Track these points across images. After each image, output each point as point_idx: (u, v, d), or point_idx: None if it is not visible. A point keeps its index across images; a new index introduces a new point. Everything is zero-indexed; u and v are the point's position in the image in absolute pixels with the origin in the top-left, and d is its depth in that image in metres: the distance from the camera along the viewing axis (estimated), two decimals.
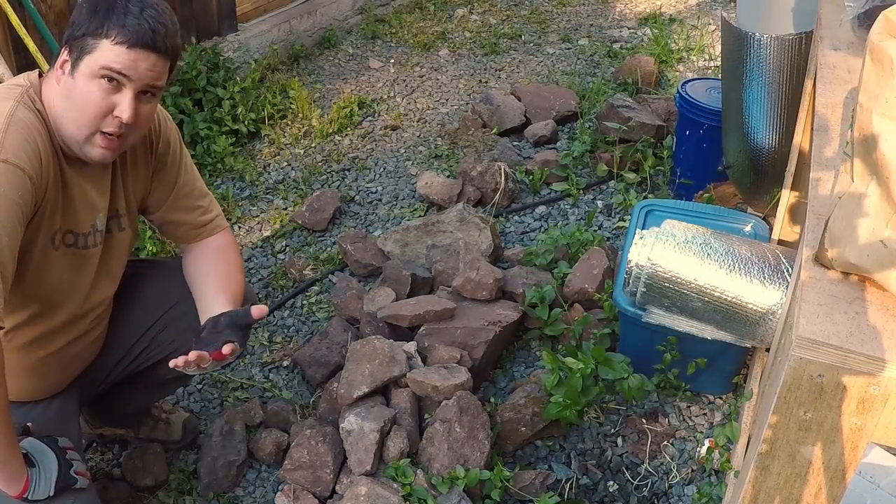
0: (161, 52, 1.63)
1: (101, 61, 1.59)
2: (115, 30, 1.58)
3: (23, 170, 1.54)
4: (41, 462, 1.68)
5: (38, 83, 1.69)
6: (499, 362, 2.62)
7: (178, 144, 1.95)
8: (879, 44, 1.27)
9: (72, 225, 1.74)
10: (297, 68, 4.49)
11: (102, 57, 1.59)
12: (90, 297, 1.85)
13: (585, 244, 2.88)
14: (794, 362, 1.26)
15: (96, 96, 1.61)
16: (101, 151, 1.66)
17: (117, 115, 1.62)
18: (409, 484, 2.08)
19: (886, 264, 1.27)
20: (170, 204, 1.95)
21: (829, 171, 1.58)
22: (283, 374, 2.65)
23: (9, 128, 1.56)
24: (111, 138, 1.65)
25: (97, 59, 1.59)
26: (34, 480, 1.64)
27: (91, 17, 1.59)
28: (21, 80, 1.70)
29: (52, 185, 1.64)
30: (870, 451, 1.23)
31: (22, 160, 1.54)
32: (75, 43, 1.61)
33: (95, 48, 1.59)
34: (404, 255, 2.97)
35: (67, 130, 1.65)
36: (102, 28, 1.58)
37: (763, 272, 2.04)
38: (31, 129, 1.59)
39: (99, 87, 1.60)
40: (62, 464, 1.71)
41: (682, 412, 2.40)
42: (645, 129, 3.48)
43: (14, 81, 1.71)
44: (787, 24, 2.42)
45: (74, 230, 1.75)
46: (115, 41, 1.58)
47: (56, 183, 1.66)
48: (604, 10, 5.33)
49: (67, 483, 1.71)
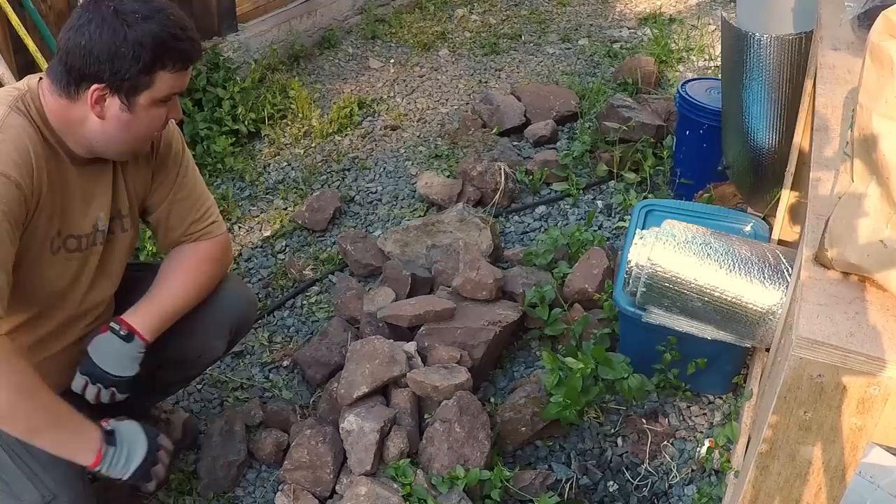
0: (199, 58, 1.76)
1: (164, 91, 1.68)
2: (172, 59, 1.66)
3: (9, 178, 1.55)
4: (127, 445, 1.74)
5: (36, 89, 1.69)
6: (499, 362, 2.62)
7: (181, 146, 1.96)
8: (879, 44, 1.27)
9: (72, 228, 1.74)
10: (297, 68, 4.49)
11: (165, 87, 1.68)
12: (88, 298, 1.85)
13: (585, 244, 2.88)
14: (794, 362, 1.26)
15: (159, 118, 1.73)
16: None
17: (172, 118, 1.77)
18: (409, 484, 2.08)
19: (886, 264, 1.27)
20: (167, 205, 1.95)
21: (829, 171, 1.58)
22: (283, 374, 2.65)
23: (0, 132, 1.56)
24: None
25: (160, 89, 1.68)
26: (109, 457, 1.70)
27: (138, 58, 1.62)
28: (20, 84, 1.71)
29: (47, 191, 1.65)
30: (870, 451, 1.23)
31: (9, 168, 1.55)
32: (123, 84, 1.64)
33: (154, 82, 1.66)
34: (404, 255, 2.97)
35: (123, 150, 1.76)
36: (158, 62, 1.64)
37: (763, 272, 2.04)
38: (21, 136, 1.60)
39: (159, 108, 1.71)
40: (148, 458, 1.77)
41: (682, 412, 2.40)
42: (645, 129, 3.48)
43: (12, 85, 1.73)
44: (787, 24, 2.42)
45: (75, 233, 1.75)
46: (174, 70, 1.67)
47: (52, 186, 1.66)
48: (604, 10, 5.33)
49: (143, 475, 1.77)
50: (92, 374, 1.86)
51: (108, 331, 1.86)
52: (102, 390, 1.87)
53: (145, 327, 1.88)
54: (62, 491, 1.79)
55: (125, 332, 1.86)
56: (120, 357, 1.86)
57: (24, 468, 1.78)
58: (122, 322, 1.86)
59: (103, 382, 1.86)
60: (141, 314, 1.89)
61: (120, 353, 1.86)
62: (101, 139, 1.70)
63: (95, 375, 1.86)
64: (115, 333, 1.86)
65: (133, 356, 1.87)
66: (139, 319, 1.88)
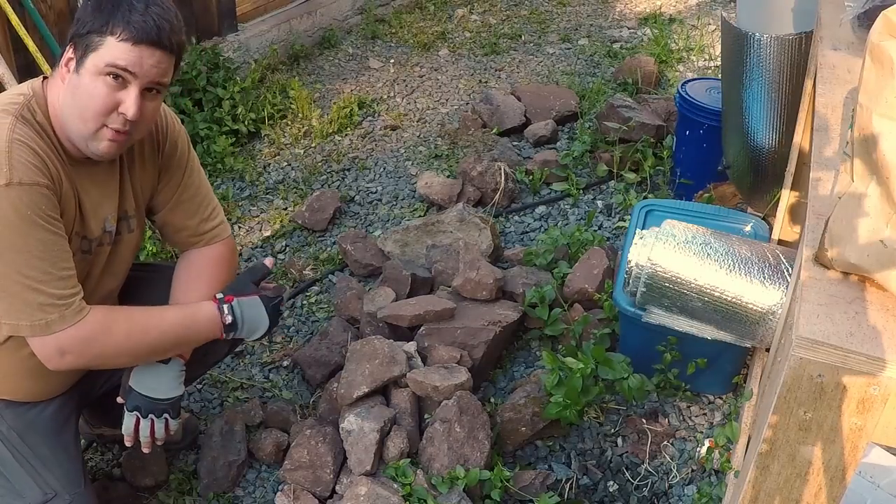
0: (166, 48, 1.63)
1: (106, 58, 1.59)
2: (120, 26, 1.58)
3: (38, 184, 1.57)
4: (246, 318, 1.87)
5: (41, 91, 1.68)
6: (499, 362, 2.62)
7: (187, 147, 1.95)
8: (879, 44, 1.27)
9: (84, 231, 1.75)
10: (297, 68, 4.49)
11: (108, 54, 1.59)
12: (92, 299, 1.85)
13: (585, 244, 2.88)
14: (794, 362, 1.26)
15: (102, 93, 1.61)
16: (108, 144, 1.67)
17: (122, 112, 1.63)
18: (409, 484, 2.08)
19: (886, 264, 1.27)
20: (172, 206, 1.95)
21: (829, 171, 1.58)
22: (283, 374, 2.65)
23: (12, 147, 1.57)
24: (117, 133, 1.66)
25: (102, 56, 1.59)
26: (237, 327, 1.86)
27: (96, 14, 1.59)
28: (25, 88, 1.70)
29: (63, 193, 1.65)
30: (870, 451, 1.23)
31: (34, 174, 1.57)
32: (80, 40, 1.61)
33: (101, 45, 1.59)
34: (404, 255, 2.97)
35: (74, 127, 1.65)
36: (107, 25, 1.58)
37: (763, 272, 2.04)
38: (31, 145, 1.60)
39: (104, 83, 1.60)
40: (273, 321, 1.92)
41: (682, 412, 2.40)
42: (645, 129, 3.48)
43: (17, 90, 1.70)
44: (787, 24, 2.42)
45: (88, 236, 1.76)
46: (120, 38, 1.58)
47: (66, 190, 1.66)
48: (604, 10, 5.33)
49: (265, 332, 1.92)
50: (142, 407, 1.82)
51: None
52: (156, 422, 1.83)
53: None
54: (63, 488, 1.80)
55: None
56: (165, 380, 1.84)
57: (27, 466, 1.78)
58: None
59: (155, 412, 1.83)
60: None
61: (163, 375, 1.84)
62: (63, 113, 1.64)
63: (145, 407, 1.82)
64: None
65: (176, 374, 1.86)
66: None
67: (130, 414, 1.83)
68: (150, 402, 1.83)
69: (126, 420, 1.84)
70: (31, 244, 1.57)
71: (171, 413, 1.85)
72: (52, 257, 1.60)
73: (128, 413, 1.83)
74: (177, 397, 1.86)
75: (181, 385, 1.88)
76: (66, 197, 1.66)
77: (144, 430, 1.84)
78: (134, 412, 1.83)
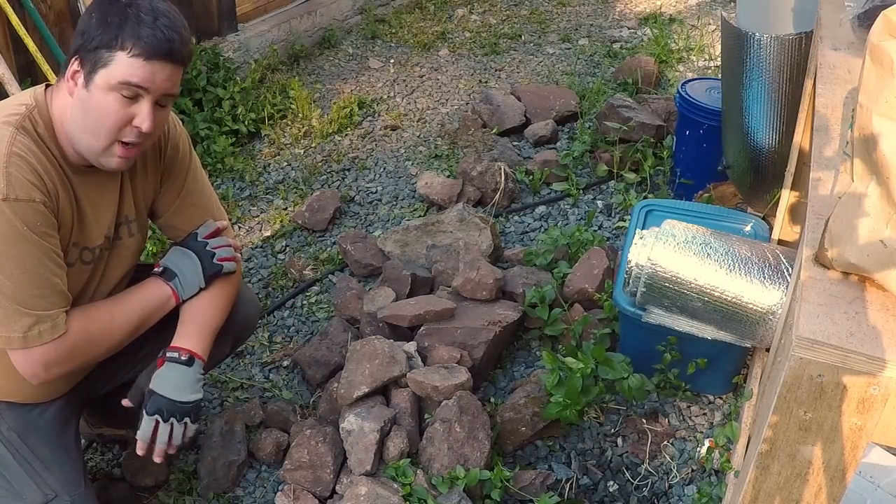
0: (178, 61, 1.62)
1: (118, 76, 1.57)
2: (130, 42, 1.56)
3: (34, 200, 1.57)
4: (181, 269, 1.89)
5: (44, 100, 1.67)
6: (499, 362, 2.62)
7: (188, 150, 1.95)
8: (879, 44, 1.27)
9: (87, 241, 1.75)
10: (297, 68, 4.49)
11: (119, 70, 1.57)
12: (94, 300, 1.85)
13: (585, 244, 2.88)
14: (794, 362, 1.26)
15: (114, 109, 1.60)
16: (119, 160, 1.67)
17: (136, 126, 1.62)
18: (409, 484, 2.08)
19: (886, 264, 1.27)
20: (175, 209, 1.95)
21: (829, 171, 1.58)
22: (283, 374, 2.65)
23: (10, 161, 1.56)
24: (129, 147, 1.66)
25: (114, 72, 1.57)
26: (178, 288, 1.88)
27: (103, 27, 1.57)
28: (27, 97, 1.68)
29: (61, 206, 1.65)
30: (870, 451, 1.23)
31: (30, 191, 1.57)
32: (88, 55, 1.58)
33: (111, 61, 1.57)
34: (404, 255, 2.97)
35: (84, 142, 1.65)
36: (117, 40, 1.56)
37: (763, 272, 2.04)
38: (30, 158, 1.59)
39: (116, 99, 1.59)
40: (203, 257, 1.90)
41: (682, 412, 2.40)
42: (645, 129, 3.48)
43: (20, 99, 1.68)
44: (787, 24, 2.42)
45: (90, 245, 1.76)
46: (131, 54, 1.56)
47: (65, 202, 1.66)
48: (604, 10, 5.33)
49: (213, 271, 1.91)
50: (164, 410, 1.80)
51: (166, 361, 1.83)
52: (175, 426, 1.81)
53: (199, 348, 1.86)
54: (64, 490, 1.80)
55: (185, 357, 1.83)
56: (187, 382, 1.83)
57: (27, 467, 1.78)
58: (178, 349, 1.84)
59: (176, 415, 1.81)
60: (190, 336, 1.87)
61: (186, 378, 1.83)
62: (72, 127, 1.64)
63: (168, 410, 1.80)
64: (175, 361, 1.83)
65: (197, 378, 1.85)
66: (192, 341, 1.86)
67: (150, 418, 1.80)
68: (174, 404, 1.80)
69: (144, 424, 1.80)
70: (24, 259, 1.57)
71: (192, 417, 1.83)
72: (43, 271, 1.60)
73: (147, 417, 1.80)
74: (198, 400, 1.85)
75: (201, 389, 1.87)
76: (63, 210, 1.66)
77: (163, 434, 1.80)
78: (155, 415, 1.80)
